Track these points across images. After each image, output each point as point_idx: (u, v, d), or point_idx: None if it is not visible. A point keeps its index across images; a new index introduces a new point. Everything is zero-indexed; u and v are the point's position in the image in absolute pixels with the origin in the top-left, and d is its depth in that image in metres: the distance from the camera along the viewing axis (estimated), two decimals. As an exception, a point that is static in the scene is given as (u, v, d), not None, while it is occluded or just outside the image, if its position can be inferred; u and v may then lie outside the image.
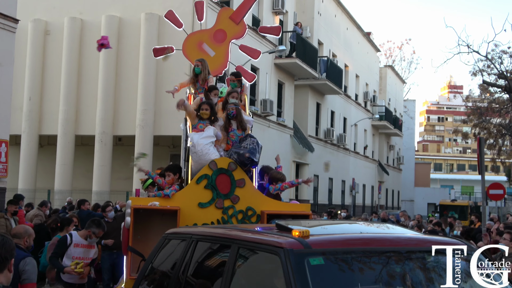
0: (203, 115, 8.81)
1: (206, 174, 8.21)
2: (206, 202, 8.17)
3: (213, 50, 11.05)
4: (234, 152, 8.43)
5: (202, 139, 8.48)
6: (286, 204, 8.69)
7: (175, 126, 24.27)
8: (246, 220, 8.20)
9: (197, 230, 6.25)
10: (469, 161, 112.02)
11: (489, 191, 23.40)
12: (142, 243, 8.12)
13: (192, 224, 7.98)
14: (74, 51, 26.60)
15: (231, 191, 8.24)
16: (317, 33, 35.53)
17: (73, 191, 25.55)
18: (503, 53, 25.53)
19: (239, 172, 8.30)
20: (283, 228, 4.85)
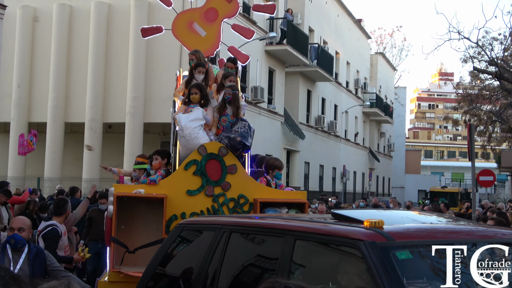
0: (193, 99, 8.29)
1: (195, 160, 7.69)
2: (195, 189, 7.67)
3: (204, 29, 10.40)
4: (225, 137, 7.89)
5: (190, 122, 7.90)
6: (281, 191, 8.10)
7: (165, 113, 24.14)
8: (238, 208, 7.72)
9: (229, 220, 5.64)
10: (459, 148, 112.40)
11: (479, 177, 23.49)
12: (126, 233, 7.64)
13: (180, 213, 7.56)
14: (63, 38, 26.40)
15: (222, 178, 7.73)
16: (308, 20, 35.42)
17: (63, 179, 25.45)
18: (493, 40, 25.54)
19: (230, 158, 7.78)
20: (341, 218, 4.45)
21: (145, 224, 7.77)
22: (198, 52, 9.46)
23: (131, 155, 24.46)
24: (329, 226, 4.39)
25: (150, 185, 7.66)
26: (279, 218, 5.31)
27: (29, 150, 13.27)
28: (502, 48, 24.74)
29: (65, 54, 26.44)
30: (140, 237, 7.66)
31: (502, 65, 23.26)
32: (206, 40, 10.33)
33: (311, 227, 4.54)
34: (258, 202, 7.57)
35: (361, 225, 4.01)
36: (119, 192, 7.59)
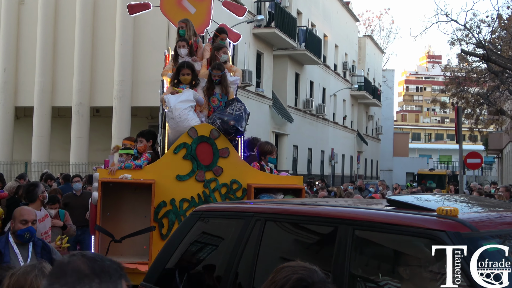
0: (184, 80, 7.86)
1: (185, 143, 7.30)
2: (185, 174, 7.28)
3: (194, 6, 9.94)
4: (218, 118, 7.44)
5: (180, 103, 7.46)
6: (276, 176, 7.75)
7: (153, 97, 24.06)
8: (230, 194, 7.34)
9: (263, 206, 5.01)
10: (447, 131, 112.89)
11: (467, 160, 23.58)
12: (112, 221, 7.24)
13: (169, 199, 7.18)
14: (49, 21, 26.16)
15: (214, 162, 7.35)
16: (295, 3, 35.29)
17: (51, 163, 25.32)
18: (481, 22, 25.56)
19: (222, 141, 7.38)
20: (399, 204, 4.06)
21: (132, 211, 7.40)
22: (188, 21, 9.02)
23: (119, 139, 24.36)
24: (396, 214, 3.91)
25: (137, 170, 7.20)
26: (328, 205, 4.87)
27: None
28: (490, 31, 24.76)
29: (51, 37, 26.21)
30: (126, 225, 7.29)
31: (490, 47, 23.30)
32: (196, 17, 9.83)
33: (373, 216, 4.06)
34: (252, 187, 7.19)
35: (432, 213, 3.67)
36: (104, 177, 7.12)
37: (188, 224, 5.26)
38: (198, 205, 7.12)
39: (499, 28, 24.83)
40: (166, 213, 7.24)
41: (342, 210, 4.41)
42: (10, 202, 10.40)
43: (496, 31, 25.24)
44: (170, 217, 7.23)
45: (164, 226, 7.25)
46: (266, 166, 7.86)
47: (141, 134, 7.83)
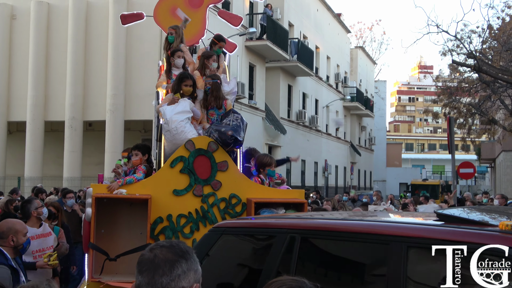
0: (187, 92, 7.50)
1: (182, 156, 7.03)
2: (182, 189, 7.02)
3: (189, 16, 9.59)
4: (215, 130, 7.14)
5: (176, 114, 7.15)
6: (276, 190, 7.45)
7: (146, 111, 24.11)
8: (229, 209, 7.08)
9: (298, 222, 4.62)
10: (439, 141, 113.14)
11: (460, 170, 23.67)
12: (106, 238, 6.91)
13: (166, 215, 6.92)
14: (41, 36, 26.20)
15: (212, 176, 7.07)
16: (287, 15, 35.42)
17: (44, 178, 25.28)
18: (472, 33, 25.67)
19: (220, 154, 7.10)
20: (451, 219, 3.84)
21: (127, 227, 7.10)
22: (178, 28, 8.78)
23: (112, 153, 24.36)
24: (457, 230, 3.67)
25: (133, 185, 6.92)
26: (378, 221, 4.52)
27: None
28: (480, 41, 24.88)
29: (44, 52, 26.24)
30: (122, 242, 6.99)
31: (481, 57, 23.42)
32: (191, 27, 9.63)
33: (430, 232, 3.76)
34: (252, 202, 6.88)
35: (495, 228, 3.55)
36: (98, 192, 6.78)
37: (209, 241, 4.81)
38: (196, 221, 7.05)
39: (490, 39, 24.96)
40: (162, 229, 6.99)
41: (395, 226, 4.09)
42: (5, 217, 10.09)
43: (487, 42, 25.37)
44: (167, 234, 6.97)
45: None
46: (265, 179, 7.57)
47: (136, 147, 7.54)
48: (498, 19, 24.92)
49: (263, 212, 6.84)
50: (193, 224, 7.04)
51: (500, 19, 24.60)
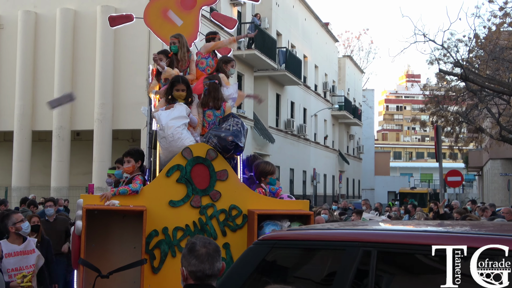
0: (179, 97, 7.07)
1: (179, 165, 6.61)
2: (179, 199, 6.58)
3: (181, 18, 9.24)
4: (213, 135, 6.71)
5: (172, 120, 6.74)
6: (280, 201, 6.94)
7: (134, 120, 24.05)
8: (229, 221, 6.65)
9: (368, 233, 4.15)
10: (427, 149, 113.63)
11: (447, 178, 23.76)
12: (97, 253, 6.45)
13: (161, 228, 6.50)
14: (28, 45, 26.10)
15: (211, 186, 6.64)
16: (275, 24, 35.51)
17: (31, 188, 25.12)
18: (458, 42, 25.85)
19: (220, 162, 6.68)
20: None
21: (120, 241, 6.64)
22: (182, 37, 8.20)
23: (100, 162, 24.27)
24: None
25: (125, 195, 6.46)
26: (465, 231, 4.03)
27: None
28: (467, 50, 25.04)
29: (31, 61, 26.14)
30: (114, 257, 6.53)
31: (467, 66, 23.57)
32: (183, 30, 9.11)
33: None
34: (255, 214, 6.38)
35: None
36: (89, 204, 6.27)
37: (255, 256, 4.30)
38: (193, 234, 6.53)
39: (476, 48, 25.13)
40: (158, 243, 6.55)
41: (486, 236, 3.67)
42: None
43: (474, 51, 25.54)
44: (162, 248, 6.54)
45: (156, 258, 6.55)
46: (267, 189, 7.13)
47: (128, 153, 6.98)
48: (485, 28, 25.10)
49: (267, 225, 6.40)
50: (190, 238, 6.24)
51: (486, 28, 24.79)
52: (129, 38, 24.75)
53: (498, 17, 22.66)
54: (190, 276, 3.60)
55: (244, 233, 6.72)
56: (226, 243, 6.65)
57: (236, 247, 6.62)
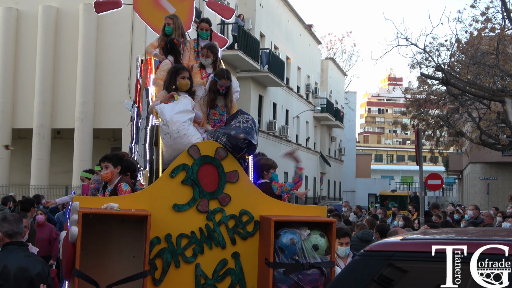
0: (184, 86, 6.46)
1: (185, 164, 5.91)
2: (184, 203, 5.89)
3: (174, 6, 8.74)
4: (222, 134, 6.05)
5: (177, 114, 6.10)
6: (294, 206, 6.33)
7: (115, 119, 23.95)
8: (239, 228, 5.99)
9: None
10: (408, 152, 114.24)
11: (428, 181, 23.90)
12: (92, 263, 5.66)
13: (164, 235, 5.81)
14: (9, 42, 25.88)
15: (220, 188, 5.97)
16: (258, 25, 35.52)
17: (10, 186, 24.93)
18: (440, 46, 26.01)
19: (230, 162, 6.02)
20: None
21: (117, 250, 5.86)
22: (177, 18, 7.62)
23: (80, 161, 24.12)
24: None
25: (124, 198, 5.85)
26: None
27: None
28: (449, 54, 25.21)
29: (12, 58, 25.92)
30: (110, 268, 5.79)
31: (449, 71, 23.73)
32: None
33: None
34: (272, 221, 5.62)
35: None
36: (85, 207, 5.48)
37: (364, 272, 3.70)
38: (199, 242, 5.93)
39: (458, 52, 25.31)
40: (160, 252, 5.87)
41: None
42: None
43: (455, 55, 25.72)
44: (165, 257, 5.87)
45: (158, 268, 5.86)
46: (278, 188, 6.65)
47: (105, 158, 6.43)
48: (466, 33, 25.29)
49: (284, 233, 5.72)
50: (196, 246, 5.94)
51: (468, 33, 24.97)
52: (111, 37, 24.64)
53: (480, 22, 22.83)
54: (5, 236, 5.30)
55: (255, 241, 6.09)
56: (235, 253, 6.03)
57: (246, 257, 6.05)
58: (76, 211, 5.38)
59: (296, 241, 5.64)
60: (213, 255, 5.98)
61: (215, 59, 7.39)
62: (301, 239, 5.69)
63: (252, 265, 6.05)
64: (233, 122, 6.31)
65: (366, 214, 21.16)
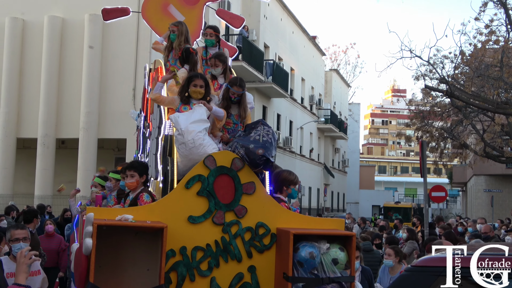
0: (196, 94, 6.28)
1: (200, 175, 5.76)
2: (200, 215, 5.74)
3: (183, 14, 8.62)
4: (241, 146, 5.88)
5: (193, 124, 5.97)
6: (312, 219, 6.16)
7: (119, 129, 24.00)
8: (255, 241, 5.83)
9: None
10: (412, 164, 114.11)
11: (432, 193, 23.83)
12: (105, 276, 5.44)
13: (179, 248, 5.65)
14: (15, 52, 26.02)
15: (236, 200, 5.81)
16: (263, 37, 35.62)
17: (15, 196, 24.96)
18: (444, 58, 26.04)
19: (247, 173, 5.86)
20: None
21: (131, 262, 5.63)
22: (182, 24, 7.40)
23: (85, 171, 24.17)
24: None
25: (139, 210, 5.67)
26: None
27: None
28: (453, 67, 25.24)
29: (18, 68, 26.05)
30: (124, 281, 5.57)
31: (453, 83, 23.75)
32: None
33: None
34: (291, 234, 5.46)
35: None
36: (100, 219, 5.29)
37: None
38: (215, 255, 5.78)
39: (462, 64, 25.34)
40: (174, 265, 5.68)
41: None
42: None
43: (459, 67, 25.75)
44: (179, 271, 5.69)
45: (172, 282, 5.70)
46: (288, 203, 6.41)
47: (131, 167, 6.25)
48: (470, 45, 25.34)
49: (303, 247, 5.55)
50: (211, 259, 5.78)
51: (472, 46, 25.02)
52: (116, 47, 24.74)
53: (484, 35, 22.91)
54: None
55: (272, 255, 5.92)
56: (251, 266, 5.86)
57: (262, 270, 5.88)
58: (90, 222, 5.18)
59: (315, 255, 5.49)
60: (229, 269, 5.83)
61: (225, 68, 7.26)
62: (320, 253, 5.54)
63: (268, 279, 5.91)
64: (252, 133, 6.12)
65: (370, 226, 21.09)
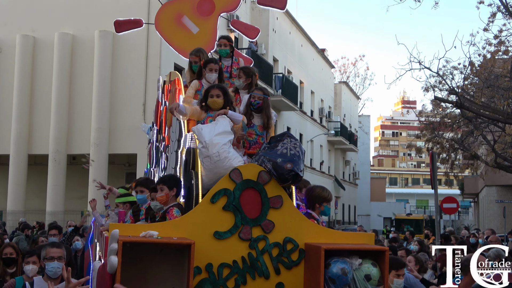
0: (213, 104, 6.18)
1: (226, 189, 5.52)
2: (226, 231, 5.49)
3: (197, 25, 8.45)
4: (268, 160, 5.65)
5: (217, 136, 5.78)
6: (341, 233, 5.94)
7: (130, 144, 24.09)
8: (283, 257, 5.56)
9: None
10: (423, 175, 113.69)
11: (443, 204, 23.77)
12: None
13: (205, 264, 5.41)
14: (26, 69, 26.21)
15: (263, 215, 5.56)
16: (272, 50, 35.74)
17: (26, 212, 25.06)
18: (454, 69, 25.98)
19: (273, 186, 5.61)
20: None
21: (155, 281, 5.37)
22: (202, 53, 7.30)
23: (96, 187, 24.19)
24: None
25: (163, 226, 5.43)
26: None
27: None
28: (462, 78, 25.19)
29: (29, 85, 26.23)
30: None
31: (462, 94, 23.70)
32: (199, 38, 8.35)
33: None
34: (322, 249, 5.23)
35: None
36: (124, 236, 5.05)
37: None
38: (242, 272, 5.55)
39: (471, 75, 25.28)
40: (200, 282, 5.42)
41: None
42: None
43: (469, 78, 25.69)
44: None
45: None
46: (320, 220, 6.21)
47: (162, 180, 6.08)
48: (479, 56, 25.27)
49: (334, 262, 5.32)
50: (238, 276, 5.52)
51: (481, 56, 24.96)
52: (126, 63, 24.88)
53: (493, 45, 22.83)
54: None
55: (300, 271, 5.66)
56: (279, 283, 5.60)
57: (291, 287, 5.62)
58: (115, 239, 4.93)
59: (347, 271, 5.26)
60: (257, 286, 5.57)
61: (250, 83, 7.09)
62: (352, 269, 5.32)
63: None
64: (279, 146, 5.85)
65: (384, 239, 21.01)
